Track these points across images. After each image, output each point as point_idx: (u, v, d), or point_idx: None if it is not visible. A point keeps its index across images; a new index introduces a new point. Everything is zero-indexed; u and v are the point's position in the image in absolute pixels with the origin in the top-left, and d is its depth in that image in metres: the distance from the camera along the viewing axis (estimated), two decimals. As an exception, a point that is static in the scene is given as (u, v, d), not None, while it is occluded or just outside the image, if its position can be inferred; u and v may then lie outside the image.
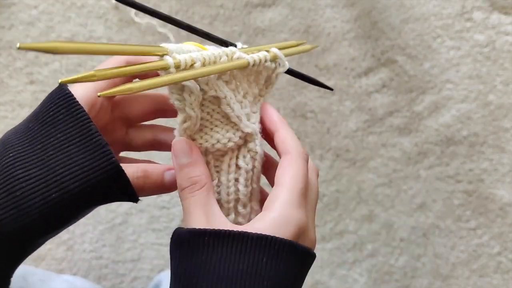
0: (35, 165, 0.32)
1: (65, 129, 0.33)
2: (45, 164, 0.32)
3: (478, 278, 0.89)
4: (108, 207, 0.86)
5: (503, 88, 0.90)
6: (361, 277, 0.88)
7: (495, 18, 0.90)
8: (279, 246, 0.31)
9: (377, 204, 0.89)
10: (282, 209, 0.33)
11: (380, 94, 0.89)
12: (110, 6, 0.88)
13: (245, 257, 0.30)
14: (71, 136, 0.33)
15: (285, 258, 0.31)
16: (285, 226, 0.32)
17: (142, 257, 0.87)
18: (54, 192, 0.32)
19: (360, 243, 0.88)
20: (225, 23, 0.89)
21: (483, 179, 0.89)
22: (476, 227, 0.89)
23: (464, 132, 0.89)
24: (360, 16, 0.90)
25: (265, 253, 0.31)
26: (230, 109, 0.37)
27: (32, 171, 0.32)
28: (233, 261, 0.30)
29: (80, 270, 0.86)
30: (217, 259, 0.31)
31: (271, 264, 0.31)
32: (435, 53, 0.90)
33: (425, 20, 0.90)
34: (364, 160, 0.89)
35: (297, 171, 0.35)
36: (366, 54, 0.90)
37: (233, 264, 0.30)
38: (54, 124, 0.33)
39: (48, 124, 0.33)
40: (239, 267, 0.30)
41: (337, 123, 0.89)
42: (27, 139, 0.33)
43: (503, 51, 0.90)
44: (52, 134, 0.33)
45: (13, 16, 0.87)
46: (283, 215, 0.32)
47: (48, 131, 0.33)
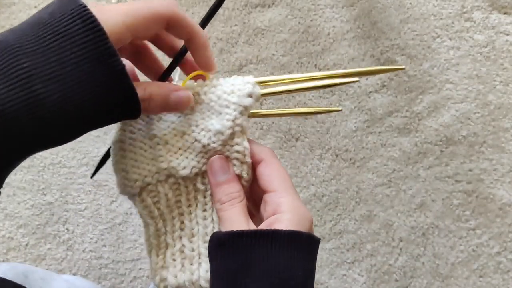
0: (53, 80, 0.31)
1: (81, 43, 0.31)
2: (61, 90, 0.31)
3: (478, 278, 0.89)
4: (108, 207, 0.86)
5: (502, 88, 0.90)
6: (361, 277, 0.88)
7: (494, 18, 0.90)
8: (306, 240, 0.35)
9: (377, 204, 0.89)
10: (292, 210, 0.35)
11: (379, 94, 0.89)
12: (110, 6, 0.88)
13: (280, 252, 0.33)
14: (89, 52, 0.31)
15: (309, 250, 0.35)
16: (302, 224, 0.35)
17: (142, 257, 0.87)
18: (69, 118, 0.31)
19: (359, 243, 0.89)
20: (225, 23, 0.89)
21: (483, 179, 0.89)
22: (476, 227, 0.89)
23: (463, 132, 0.89)
24: (359, 16, 0.90)
25: (296, 246, 0.34)
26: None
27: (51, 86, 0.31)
28: (271, 256, 0.33)
29: (80, 270, 0.86)
30: (256, 256, 0.34)
31: (301, 256, 0.34)
32: (434, 53, 0.90)
33: (424, 20, 0.90)
34: (363, 160, 0.89)
35: (279, 170, 0.37)
36: (365, 54, 0.90)
37: (272, 259, 0.33)
38: (69, 36, 0.31)
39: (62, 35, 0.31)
40: (277, 261, 0.33)
41: (337, 123, 0.89)
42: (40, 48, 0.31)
43: (502, 51, 0.90)
44: (67, 48, 0.31)
45: (13, 16, 0.87)
46: (296, 215, 0.35)
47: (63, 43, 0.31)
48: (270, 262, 0.33)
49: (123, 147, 0.38)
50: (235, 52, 0.90)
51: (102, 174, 0.87)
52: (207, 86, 0.39)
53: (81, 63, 0.31)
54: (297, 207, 0.35)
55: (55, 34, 0.31)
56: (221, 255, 0.35)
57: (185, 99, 0.37)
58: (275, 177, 0.37)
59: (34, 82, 0.30)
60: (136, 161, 0.38)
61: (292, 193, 0.36)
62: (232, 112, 0.38)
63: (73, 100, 0.31)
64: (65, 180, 0.87)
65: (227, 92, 0.38)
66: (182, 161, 0.38)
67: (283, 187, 0.36)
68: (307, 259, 0.35)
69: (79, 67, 0.31)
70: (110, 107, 0.33)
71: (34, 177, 0.87)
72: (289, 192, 0.36)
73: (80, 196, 0.87)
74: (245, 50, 0.89)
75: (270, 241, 0.34)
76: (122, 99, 0.33)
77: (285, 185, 0.36)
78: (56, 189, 0.87)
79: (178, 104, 0.37)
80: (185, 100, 0.37)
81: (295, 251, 0.34)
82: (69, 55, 0.31)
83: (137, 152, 0.39)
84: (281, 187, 0.36)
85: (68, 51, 0.31)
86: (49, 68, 0.31)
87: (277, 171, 0.37)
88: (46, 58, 0.31)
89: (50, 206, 0.87)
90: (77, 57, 0.31)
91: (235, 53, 0.90)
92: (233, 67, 0.89)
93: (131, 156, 0.38)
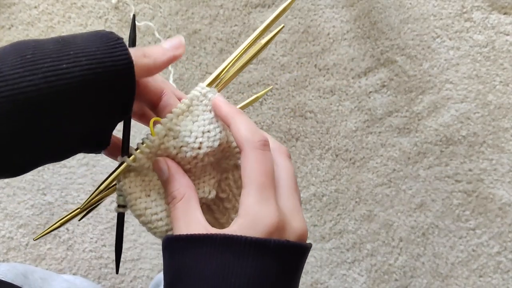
0: (50, 43, 0.32)
1: (87, 32, 0.34)
2: (61, 43, 0.32)
3: (478, 278, 0.89)
4: (108, 207, 0.86)
5: (502, 88, 0.90)
6: (361, 276, 0.88)
7: (494, 18, 0.90)
8: (245, 245, 0.32)
9: (377, 204, 0.89)
10: (246, 212, 0.33)
11: (379, 94, 0.89)
12: (110, 6, 0.88)
13: (214, 258, 0.32)
14: (91, 33, 0.33)
15: (253, 256, 0.32)
16: (253, 229, 0.32)
17: (142, 257, 0.87)
18: (65, 63, 0.31)
19: (359, 242, 0.89)
20: (225, 23, 0.89)
21: (483, 179, 0.89)
22: (476, 227, 0.89)
23: (463, 132, 0.89)
24: (359, 16, 0.90)
25: (232, 252, 0.32)
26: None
27: (46, 45, 0.32)
28: (204, 262, 0.32)
29: (80, 269, 0.86)
30: (191, 261, 0.32)
31: (237, 263, 0.31)
32: (434, 53, 0.90)
33: (424, 20, 0.90)
34: (363, 160, 0.89)
35: (252, 166, 0.34)
36: (365, 54, 0.90)
37: (205, 264, 0.32)
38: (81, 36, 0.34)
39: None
40: (211, 267, 0.32)
41: (337, 123, 0.89)
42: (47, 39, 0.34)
43: (502, 51, 0.90)
44: (72, 34, 0.34)
45: (13, 16, 0.87)
46: (249, 218, 0.33)
47: (70, 35, 0.34)
48: (203, 268, 0.32)
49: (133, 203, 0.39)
50: (235, 52, 0.90)
51: (102, 174, 0.87)
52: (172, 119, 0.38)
53: (84, 35, 0.34)
54: (253, 211, 0.33)
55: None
56: (164, 258, 0.35)
57: (175, 39, 0.37)
58: (244, 173, 0.34)
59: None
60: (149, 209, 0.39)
61: (255, 193, 0.33)
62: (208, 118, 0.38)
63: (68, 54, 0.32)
64: (65, 180, 0.88)
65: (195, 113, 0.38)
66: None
67: (248, 185, 0.33)
68: (249, 265, 0.31)
69: (80, 37, 0.33)
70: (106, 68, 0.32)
71: (34, 177, 0.87)
72: (251, 193, 0.33)
73: (80, 196, 0.87)
74: (245, 50, 0.89)
75: (205, 246, 0.32)
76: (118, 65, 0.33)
77: (250, 183, 0.33)
78: (56, 189, 0.87)
79: (173, 45, 0.37)
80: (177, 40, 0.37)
81: (230, 256, 0.31)
82: (74, 34, 0.34)
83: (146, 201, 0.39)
84: (246, 185, 0.34)
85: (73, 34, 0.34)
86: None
87: (248, 164, 0.34)
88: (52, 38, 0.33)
89: (50, 206, 0.87)
90: (81, 34, 0.34)
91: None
92: (233, 67, 0.89)
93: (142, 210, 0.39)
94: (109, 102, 0.33)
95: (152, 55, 0.35)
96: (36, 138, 0.31)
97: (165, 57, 0.36)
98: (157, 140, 0.37)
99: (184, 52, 0.38)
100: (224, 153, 0.39)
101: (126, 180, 0.38)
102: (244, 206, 0.33)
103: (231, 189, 0.40)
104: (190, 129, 0.37)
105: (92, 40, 0.33)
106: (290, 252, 0.33)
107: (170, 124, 0.37)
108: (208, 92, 0.38)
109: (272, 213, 0.33)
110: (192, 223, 0.35)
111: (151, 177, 0.39)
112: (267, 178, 0.34)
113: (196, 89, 0.38)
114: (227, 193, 0.40)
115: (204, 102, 0.38)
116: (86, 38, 0.33)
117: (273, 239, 0.32)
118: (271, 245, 0.32)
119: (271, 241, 0.32)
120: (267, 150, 0.35)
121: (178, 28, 0.89)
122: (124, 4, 0.88)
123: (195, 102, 0.38)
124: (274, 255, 0.32)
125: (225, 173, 0.40)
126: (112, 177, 0.37)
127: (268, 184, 0.34)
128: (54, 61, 0.31)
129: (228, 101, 0.38)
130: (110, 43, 0.33)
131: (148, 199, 0.38)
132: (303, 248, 0.34)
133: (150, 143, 0.37)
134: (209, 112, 0.38)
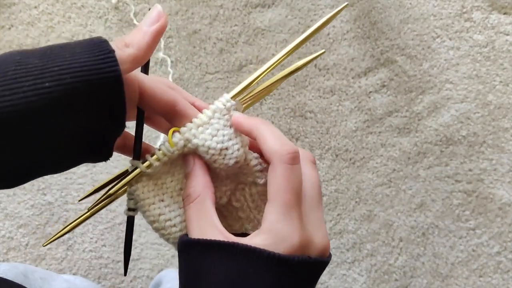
0: (36, 57, 0.30)
1: (82, 40, 0.32)
2: (47, 56, 0.30)
3: (478, 278, 0.89)
4: (108, 207, 0.86)
5: (502, 88, 0.90)
6: (361, 276, 0.88)
7: (494, 18, 0.90)
8: (268, 259, 0.31)
9: (377, 204, 0.89)
10: (269, 229, 0.32)
11: (379, 94, 0.89)
12: (110, 6, 0.88)
13: (233, 266, 0.31)
14: (82, 43, 0.32)
15: (274, 272, 0.31)
16: (276, 246, 0.32)
17: (142, 257, 0.87)
18: (48, 81, 0.29)
19: (359, 242, 0.89)
20: (225, 23, 0.89)
21: (483, 179, 0.89)
22: (476, 227, 0.89)
23: (463, 132, 0.89)
24: (359, 16, 0.90)
25: (252, 264, 0.31)
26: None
27: (31, 59, 0.30)
28: (222, 269, 0.31)
29: (80, 269, 0.86)
30: (209, 267, 0.32)
31: (257, 276, 0.31)
32: (434, 53, 0.90)
33: (424, 20, 0.90)
34: (363, 160, 0.89)
35: (278, 181, 0.33)
36: (365, 54, 0.90)
37: (222, 272, 0.31)
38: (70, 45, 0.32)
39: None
40: (228, 274, 0.31)
41: (337, 123, 0.89)
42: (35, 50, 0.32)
43: (502, 51, 0.90)
44: (66, 43, 0.32)
45: (13, 16, 0.87)
46: (272, 235, 0.32)
47: (64, 43, 0.32)
48: (220, 275, 0.31)
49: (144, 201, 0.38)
50: (235, 52, 0.90)
51: (102, 174, 0.87)
52: (191, 129, 0.36)
53: (70, 46, 0.32)
54: (277, 229, 0.32)
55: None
56: (180, 262, 0.34)
57: (152, 13, 0.35)
58: (270, 187, 0.33)
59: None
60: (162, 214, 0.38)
61: (279, 211, 0.32)
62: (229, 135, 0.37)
63: (52, 71, 0.30)
64: (65, 180, 0.88)
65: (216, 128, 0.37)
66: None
67: (273, 201, 0.33)
68: (269, 280, 0.31)
69: (67, 49, 0.32)
70: (91, 84, 0.30)
71: (34, 177, 0.87)
72: (276, 209, 0.32)
73: (80, 196, 0.87)
74: (245, 50, 0.89)
75: (224, 253, 0.32)
76: (105, 79, 0.30)
77: (275, 200, 0.32)
78: (56, 189, 0.87)
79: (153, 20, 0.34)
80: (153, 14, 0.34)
81: (250, 268, 0.31)
82: (61, 44, 0.32)
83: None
84: (271, 201, 0.33)
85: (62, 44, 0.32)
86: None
87: (275, 179, 0.33)
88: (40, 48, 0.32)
89: (50, 206, 0.87)
90: (69, 44, 0.32)
91: (235, 53, 0.90)
92: (233, 67, 0.89)
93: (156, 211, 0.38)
94: (99, 118, 0.32)
95: (133, 41, 0.33)
96: (19, 155, 0.30)
97: (147, 38, 0.33)
98: (176, 151, 0.36)
99: (167, 21, 0.35)
100: (241, 169, 0.38)
101: (139, 185, 0.37)
102: (268, 223, 0.32)
103: (247, 201, 0.39)
104: (208, 145, 0.36)
105: (80, 53, 0.31)
106: (311, 268, 0.33)
107: (189, 134, 0.35)
108: (232, 106, 0.37)
109: (295, 232, 0.32)
110: (207, 226, 0.34)
111: (164, 180, 0.38)
112: (293, 195, 0.33)
113: (220, 100, 0.37)
114: (241, 203, 0.39)
115: (226, 117, 0.36)
116: (75, 49, 0.31)
117: (296, 256, 0.32)
118: (294, 262, 0.31)
119: (294, 258, 0.32)
120: (296, 164, 0.33)
121: (178, 28, 0.89)
122: (124, 4, 0.88)
123: (217, 115, 0.36)
124: (295, 271, 0.32)
125: (242, 184, 0.39)
126: (123, 181, 0.36)
127: (294, 202, 0.33)
128: (37, 79, 0.29)
129: (247, 115, 0.37)
130: (100, 56, 0.31)
131: (161, 204, 0.37)
132: (324, 263, 0.34)
133: (168, 152, 0.35)
134: (229, 127, 0.36)
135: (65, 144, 0.31)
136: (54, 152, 0.31)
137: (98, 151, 0.34)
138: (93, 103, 0.31)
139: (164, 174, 0.37)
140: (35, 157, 0.31)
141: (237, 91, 0.37)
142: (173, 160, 0.37)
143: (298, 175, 0.33)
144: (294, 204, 0.33)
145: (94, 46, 0.31)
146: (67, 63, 0.30)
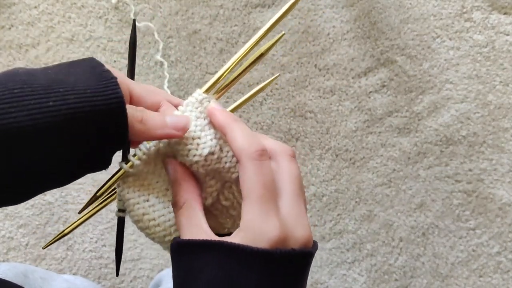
0: (41, 78, 0.32)
1: (82, 65, 0.34)
2: (52, 78, 0.32)
3: (478, 278, 0.89)
4: (108, 207, 0.86)
5: (502, 88, 0.90)
6: (361, 276, 0.88)
7: (494, 18, 0.90)
8: (251, 255, 0.32)
9: (377, 204, 0.89)
10: (247, 226, 0.33)
11: (379, 94, 0.89)
12: (110, 6, 0.88)
13: (220, 265, 0.32)
14: (86, 69, 0.34)
15: (259, 266, 0.32)
16: (255, 242, 0.32)
17: (142, 257, 0.87)
18: (53, 100, 0.31)
19: (359, 242, 0.89)
20: (225, 23, 0.89)
21: (483, 179, 0.89)
22: (476, 227, 0.89)
23: (463, 132, 0.89)
24: (359, 16, 0.90)
25: (238, 260, 0.32)
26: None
27: (37, 79, 0.32)
28: (210, 268, 0.32)
29: (80, 269, 0.86)
30: (199, 267, 0.33)
31: (243, 272, 0.32)
32: (434, 53, 0.90)
33: (424, 20, 0.90)
34: (363, 160, 0.89)
35: (249, 178, 0.33)
36: (365, 54, 0.90)
37: (211, 270, 0.32)
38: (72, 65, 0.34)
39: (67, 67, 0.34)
40: (217, 274, 0.32)
41: (337, 123, 0.89)
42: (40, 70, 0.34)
43: (502, 51, 0.90)
44: (66, 67, 0.34)
45: (13, 16, 0.87)
46: (250, 232, 0.32)
47: (64, 67, 0.34)
48: (211, 274, 0.32)
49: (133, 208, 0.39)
50: (235, 52, 0.90)
51: (102, 174, 0.87)
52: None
53: (75, 72, 0.34)
54: (254, 225, 0.32)
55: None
56: (172, 262, 0.36)
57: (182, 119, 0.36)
58: (243, 185, 0.34)
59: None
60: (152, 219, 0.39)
61: (254, 207, 0.33)
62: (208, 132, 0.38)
63: (57, 92, 0.32)
64: (65, 180, 0.88)
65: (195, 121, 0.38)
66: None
67: (247, 198, 0.33)
68: (254, 276, 0.32)
69: (71, 74, 0.33)
70: (94, 107, 0.32)
71: (34, 177, 0.87)
72: (251, 206, 0.33)
73: (80, 196, 0.87)
74: (245, 50, 0.89)
75: (213, 252, 0.32)
76: (108, 103, 0.32)
77: (249, 196, 0.33)
78: (56, 189, 0.87)
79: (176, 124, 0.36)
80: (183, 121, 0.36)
81: (237, 265, 0.32)
82: (65, 67, 0.34)
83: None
84: (245, 198, 0.33)
85: (66, 68, 0.35)
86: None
87: (246, 176, 0.33)
88: (44, 70, 0.34)
89: (50, 206, 0.87)
90: (74, 70, 0.34)
91: (235, 53, 0.89)
92: (233, 67, 0.89)
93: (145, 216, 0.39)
94: (100, 138, 0.33)
95: (148, 123, 0.35)
96: (20, 171, 0.31)
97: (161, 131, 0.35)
98: (153, 147, 0.37)
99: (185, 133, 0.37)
100: (221, 165, 0.38)
101: (124, 186, 0.38)
102: (245, 220, 0.33)
103: (236, 198, 0.39)
104: None
105: (84, 79, 0.33)
106: (296, 260, 0.33)
107: None
108: (204, 99, 0.38)
109: (273, 227, 0.32)
110: (195, 230, 0.35)
111: (150, 181, 0.39)
112: (266, 189, 0.33)
113: (193, 95, 0.38)
114: (231, 201, 0.39)
115: (199, 109, 0.38)
116: (79, 75, 0.33)
117: (279, 249, 0.32)
118: (276, 255, 0.32)
119: (277, 251, 0.32)
120: (264, 160, 0.34)
121: (178, 28, 0.89)
122: (124, 4, 0.88)
123: (189, 109, 0.38)
124: (280, 264, 0.32)
125: (228, 183, 0.39)
126: (109, 183, 0.38)
127: (268, 196, 0.33)
128: (42, 98, 0.31)
129: (224, 109, 0.38)
130: (103, 81, 0.33)
131: (146, 204, 0.38)
132: (308, 254, 0.34)
133: (146, 150, 0.37)
134: (203, 119, 0.38)
135: (66, 161, 0.33)
136: (55, 168, 0.33)
137: (99, 167, 0.35)
138: (96, 124, 0.32)
139: (150, 174, 0.39)
140: (35, 173, 0.32)
141: (208, 85, 0.40)
142: (158, 161, 0.38)
143: (268, 170, 0.34)
144: (268, 198, 0.33)
145: (98, 75, 0.33)
146: (71, 86, 0.32)
